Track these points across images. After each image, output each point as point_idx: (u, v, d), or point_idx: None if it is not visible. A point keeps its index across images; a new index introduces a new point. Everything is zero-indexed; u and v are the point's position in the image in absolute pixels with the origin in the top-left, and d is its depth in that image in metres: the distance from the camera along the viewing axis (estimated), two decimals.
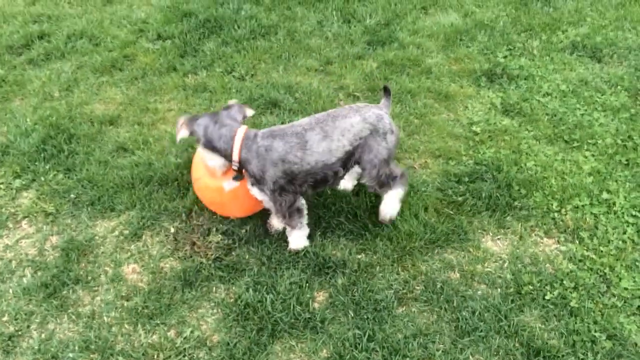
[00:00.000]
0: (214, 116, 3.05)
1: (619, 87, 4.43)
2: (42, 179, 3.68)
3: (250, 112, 3.17)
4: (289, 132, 2.98)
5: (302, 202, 3.14)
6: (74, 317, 2.91)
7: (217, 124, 3.00)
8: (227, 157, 3.01)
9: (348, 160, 3.07)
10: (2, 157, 3.85)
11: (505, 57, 4.84)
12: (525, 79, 4.55)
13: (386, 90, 3.24)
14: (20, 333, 2.84)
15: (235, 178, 3.11)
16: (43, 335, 2.83)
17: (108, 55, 4.96)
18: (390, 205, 3.28)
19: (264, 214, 3.33)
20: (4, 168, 3.77)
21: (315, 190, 3.18)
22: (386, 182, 3.18)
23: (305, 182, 3.04)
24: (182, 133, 3.05)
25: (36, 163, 3.79)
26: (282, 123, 4.04)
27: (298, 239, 3.19)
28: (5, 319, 2.91)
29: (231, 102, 3.18)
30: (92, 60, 4.89)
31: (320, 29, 5.27)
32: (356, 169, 3.21)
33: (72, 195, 3.56)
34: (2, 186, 3.65)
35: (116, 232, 3.35)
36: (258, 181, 3.02)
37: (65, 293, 3.02)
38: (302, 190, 3.08)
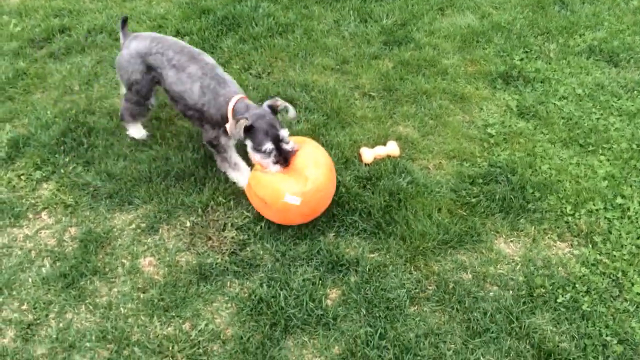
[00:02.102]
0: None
1: (635, 91, 4.42)
2: (62, 171, 3.75)
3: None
4: (218, 74, 3.49)
5: None
6: (91, 307, 2.97)
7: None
8: None
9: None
10: (23, 149, 3.92)
11: (521, 59, 4.84)
12: (541, 82, 4.55)
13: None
14: (38, 322, 2.91)
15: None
16: (61, 325, 2.89)
17: None
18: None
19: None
20: (24, 159, 3.84)
21: None
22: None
23: None
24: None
25: (56, 155, 3.86)
26: (298, 121, 4.09)
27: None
28: (24, 307, 2.97)
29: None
30: (112, 55, 4.94)
31: (337, 28, 5.30)
32: None
33: (91, 188, 3.62)
34: (22, 177, 3.72)
35: (133, 225, 3.41)
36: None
37: (83, 284, 3.08)
38: None
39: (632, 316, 2.87)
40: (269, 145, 3.16)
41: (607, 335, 2.78)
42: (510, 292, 3.00)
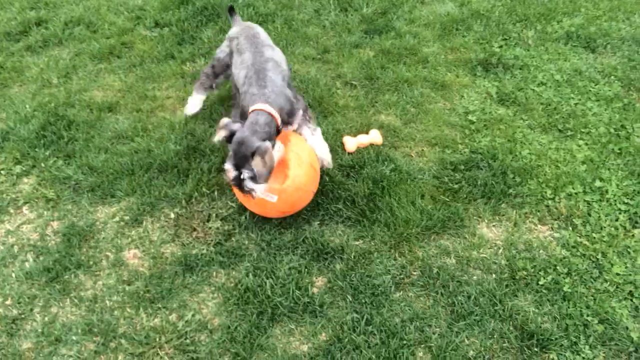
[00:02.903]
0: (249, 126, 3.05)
1: (612, 77, 4.49)
2: (43, 165, 3.71)
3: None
4: (261, 69, 3.32)
5: None
6: (76, 300, 2.95)
7: (254, 126, 3.03)
8: (276, 131, 3.16)
9: None
10: (3, 144, 3.87)
11: (500, 46, 4.89)
12: (520, 69, 4.60)
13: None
14: (23, 316, 2.89)
15: None
16: (46, 319, 2.87)
17: (106, 42, 4.97)
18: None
19: None
20: (4, 154, 3.79)
21: None
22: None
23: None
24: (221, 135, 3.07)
25: (36, 149, 3.81)
26: None
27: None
28: (8, 302, 2.95)
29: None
30: (90, 47, 4.89)
31: (317, 18, 5.29)
32: None
33: (72, 182, 3.59)
34: (2, 172, 3.68)
35: (117, 218, 3.39)
36: (291, 112, 3.30)
37: (68, 277, 3.06)
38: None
39: (612, 296, 2.93)
40: (226, 166, 3.00)
41: (588, 316, 2.83)
42: (493, 275, 3.04)
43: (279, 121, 3.14)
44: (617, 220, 3.33)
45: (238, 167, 2.94)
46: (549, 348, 2.69)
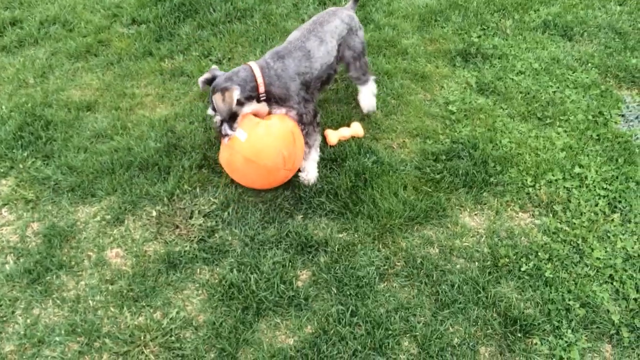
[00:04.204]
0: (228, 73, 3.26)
1: (589, 64, 4.54)
2: (21, 166, 3.66)
3: None
4: (291, 48, 3.40)
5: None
6: (58, 301, 2.92)
7: (232, 74, 3.24)
8: (255, 94, 3.27)
9: (338, 58, 3.66)
10: None
11: (479, 37, 4.91)
12: (499, 58, 4.63)
13: None
14: (5, 319, 2.85)
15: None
16: (28, 321, 2.84)
17: (82, 40, 4.91)
18: (367, 100, 3.96)
19: (244, 197, 3.37)
20: None
21: (319, 94, 3.76)
22: (364, 72, 3.84)
23: (315, 87, 3.54)
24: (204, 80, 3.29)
25: (14, 150, 3.76)
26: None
27: (313, 164, 3.52)
28: None
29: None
30: (67, 46, 4.83)
31: (296, 12, 5.27)
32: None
33: (52, 182, 3.54)
34: None
35: (98, 218, 3.36)
36: (283, 100, 3.35)
37: (49, 278, 3.03)
38: (314, 97, 3.58)
39: (592, 280, 2.97)
40: (209, 112, 3.28)
41: (569, 300, 2.87)
42: (476, 263, 3.07)
43: (261, 87, 3.27)
44: (596, 205, 3.38)
45: (215, 110, 3.20)
46: (532, 333, 2.72)
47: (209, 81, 3.27)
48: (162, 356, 2.68)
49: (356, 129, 3.84)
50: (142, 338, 2.74)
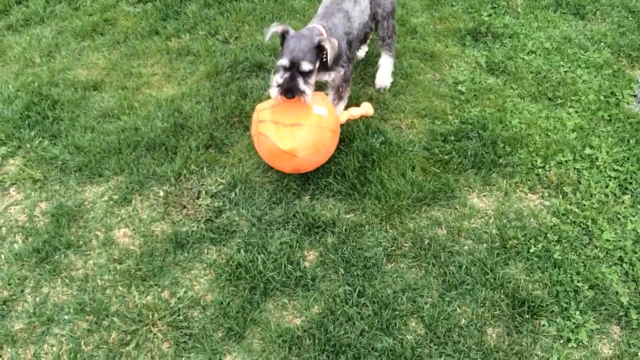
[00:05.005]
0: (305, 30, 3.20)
1: (602, 43, 4.46)
2: (28, 145, 3.66)
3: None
4: (333, 11, 3.44)
5: None
6: (67, 280, 2.94)
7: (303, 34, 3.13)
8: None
9: (371, 16, 3.78)
10: None
11: (489, 15, 4.84)
12: (509, 37, 4.56)
13: None
14: (14, 297, 2.87)
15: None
16: (37, 299, 2.86)
17: (88, 19, 4.87)
18: (384, 76, 4.03)
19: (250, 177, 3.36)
20: None
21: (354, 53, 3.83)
22: (391, 35, 3.94)
23: (355, 46, 3.72)
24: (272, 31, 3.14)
25: (21, 130, 3.76)
26: (268, 87, 4.03)
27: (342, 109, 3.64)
28: None
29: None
30: (73, 24, 4.80)
31: None
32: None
33: (59, 162, 3.54)
34: None
35: (105, 197, 3.36)
36: (335, 61, 3.29)
37: (58, 258, 3.04)
38: (354, 56, 3.76)
39: (601, 262, 2.95)
40: (283, 62, 3.01)
41: (578, 282, 2.85)
42: (484, 244, 3.05)
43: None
44: (607, 187, 3.34)
45: (293, 63, 2.98)
46: (540, 314, 2.71)
47: (283, 34, 3.12)
48: (170, 335, 2.69)
49: (366, 108, 3.79)
50: (150, 317, 2.75)
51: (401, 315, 2.73)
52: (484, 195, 3.33)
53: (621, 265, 2.93)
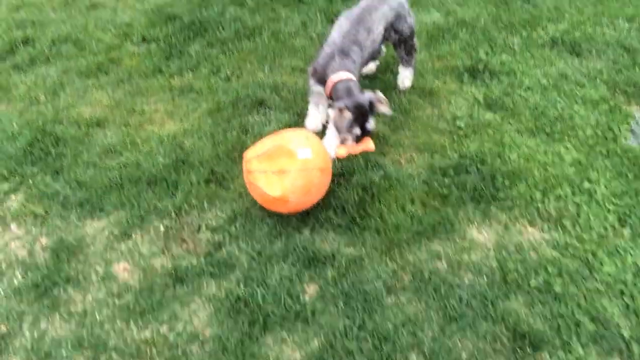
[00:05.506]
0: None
1: (598, 80, 4.53)
2: (30, 181, 3.69)
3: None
4: (349, 44, 3.62)
5: None
6: (65, 315, 2.92)
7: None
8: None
9: (382, 41, 3.98)
10: None
11: (486, 53, 4.93)
12: (506, 75, 4.63)
13: None
14: (12, 333, 2.85)
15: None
16: (35, 335, 2.84)
17: (93, 58, 4.98)
18: (405, 80, 4.39)
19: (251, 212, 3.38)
20: None
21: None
22: (409, 52, 4.23)
23: (360, 71, 3.84)
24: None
25: (23, 166, 3.80)
26: (269, 121, 4.10)
27: None
28: None
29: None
30: (78, 64, 4.90)
31: (304, 30, 5.33)
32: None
33: (61, 197, 3.57)
34: None
35: (106, 232, 3.37)
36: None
37: (57, 292, 3.04)
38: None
39: (603, 295, 2.93)
40: (357, 130, 3.44)
41: (579, 315, 2.83)
42: (485, 278, 3.04)
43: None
44: (606, 220, 3.34)
45: (362, 124, 3.44)
46: (542, 348, 2.68)
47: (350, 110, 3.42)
48: None
49: (367, 143, 3.84)
50: (148, 352, 2.73)
51: (402, 349, 2.70)
52: (484, 229, 3.34)
53: (622, 299, 2.91)
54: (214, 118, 4.18)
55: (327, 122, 3.88)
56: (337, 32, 3.72)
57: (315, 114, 3.98)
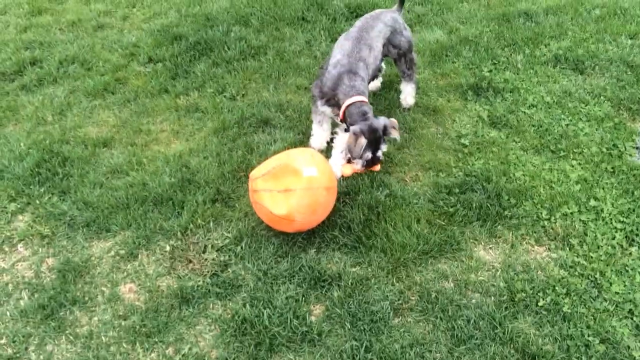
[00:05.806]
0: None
1: (602, 97, 4.54)
2: (37, 202, 3.70)
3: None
4: (354, 62, 3.67)
5: None
6: (71, 337, 2.92)
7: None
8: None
9: (382, 58, 4.08)
10: None
11: (490, 71, 4.95)
12: (510, 92, 4.65)
13: (401, 1, 4.31)
14: (18, 355, 2.85)
15: None
16: (41, 357, 2.83)
17: (100, 79, 5.02)
18: (408, 97, 4.41)
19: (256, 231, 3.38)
20: None
21: None
22: (410, 67, 4.27)
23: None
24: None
25: (31, 186, 3.81)
26: (274, 140, 4.11)
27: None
28: (3, 341, 2.91)
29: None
30: (85, 84, 4.94)
31: (308, 49, 5.36)
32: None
33: (67, 217, 3.58)
34: None
35: (112, 253, 3.37)
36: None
37: (63, 314, 3.03)
38: None
39: (612, 315, 2.91)
40: (368, 155, 3.50)
41: (589, 336, 2.81)
42: (492, 298, 3.02)
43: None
44: (613, 238, 3.33)
45: (375, 150, 3.53)
46: None
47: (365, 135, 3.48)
48: None
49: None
50: None
51: None
52: (490, 248, 3.33)
53: (632, 319, 2.89)
54: (220, 137, 4.20)
55: (331, 140, 3.89)
56: (340, 52, 3.75)
57: (320, 133, 3.99)
